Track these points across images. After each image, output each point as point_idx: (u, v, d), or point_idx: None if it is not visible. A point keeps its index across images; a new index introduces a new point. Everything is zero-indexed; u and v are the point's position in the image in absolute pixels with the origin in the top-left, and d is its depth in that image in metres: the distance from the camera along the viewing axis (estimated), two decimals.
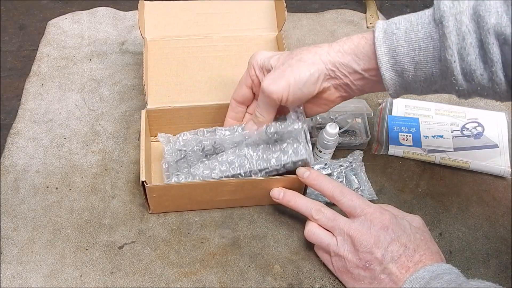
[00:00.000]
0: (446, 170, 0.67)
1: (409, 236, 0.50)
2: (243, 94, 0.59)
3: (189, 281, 0.55)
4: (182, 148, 0.60)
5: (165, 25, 0.71)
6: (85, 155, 0.66)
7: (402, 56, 0.48)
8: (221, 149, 0.60)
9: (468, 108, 0.73)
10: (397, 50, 0.48)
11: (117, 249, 0.58)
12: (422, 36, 0.46)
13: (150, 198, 0.58)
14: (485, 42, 0.43)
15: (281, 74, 0.52)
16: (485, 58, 0.43)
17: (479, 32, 0.43)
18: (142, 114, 0.62)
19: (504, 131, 0.70)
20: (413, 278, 0.47)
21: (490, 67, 0.44)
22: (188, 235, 0.59)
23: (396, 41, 0.47)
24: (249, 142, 0.59)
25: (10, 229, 0.58)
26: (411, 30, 0.47)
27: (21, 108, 0.71)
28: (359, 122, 0.70)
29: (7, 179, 0.63)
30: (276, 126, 0.57)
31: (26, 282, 0.54)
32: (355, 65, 0.51)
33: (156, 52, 0.69)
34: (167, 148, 0.61)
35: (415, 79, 0.49)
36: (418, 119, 0.71)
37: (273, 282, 0.56)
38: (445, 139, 0.69)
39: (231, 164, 0.58)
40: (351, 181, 0.63)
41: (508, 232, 0.62)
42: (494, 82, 0.44)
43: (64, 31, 0.82)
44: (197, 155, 0.60)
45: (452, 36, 0.44)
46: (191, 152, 0.60)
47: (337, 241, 0.52)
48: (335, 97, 0.55)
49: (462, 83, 0.46)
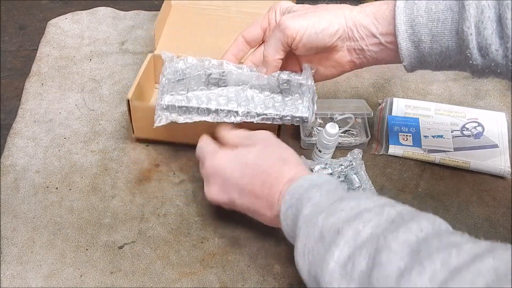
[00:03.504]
0: (446, 170, 0.67)
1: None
2: (254, 34, 0.58)
3: (189, 281, 0.55)
4: (186, 69, 0.57)
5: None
6: (85, 155, 0.66)
7: (420, 27, 0.48)
8: (225, 84, 0.58)
9: (468, 108, 0.73)
10: (416, 20, 0.48)
11: (117, 249, 0.58)
12: (442, 8, 0.46)
13: (134, 120, 0.60)
14: (503, 17, 0.43)
15: (302, 15, 0.52)
16: (502, 33, 0.44)
17: (498, 7, 0.43)
18: (147, 56, 0.66)
19: (504, 131, 0.70)
20: (292, 188, 0.47)
21: (505, 42, 0.44)
22: (188, 235, 0.59)
23: (416, 11, 0.48)
24: (255, 84, 0.57)
25: (10, 229, 0.58)
26: (432, 1, 0.47)
27: (21, 108, 0.71)
28: (359, 122, 0.70)
29: (7, 179, 0.63)
30: (289, 74, 0.56)
31: (26, 282, 0.54)
32: (373, 28, 0.51)
33: (176, 13, 0.77)
34: (169, 65, 0.58)
35: (430, 52, 0.49)
36: (418, 119, 0.71)
37: (273, 282, 0.56)
38: (445, 139, 0.69)
39: (229, 100, 0.57)
40: (352, 180, 0.63)
41: (508, 232, 0.62)
42: (508, 58, 0.45)
43: (64, 31, 0.82)
44: (199, 81, 0.57)
45: (471, 9, 0.44)
46: (194, 76, 0.57)
47: None
48: (346, 61, 0.55)
49: (476, 58, 0.46)
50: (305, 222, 0.43)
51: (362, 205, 0.40)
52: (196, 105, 0.56)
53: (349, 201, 0.41)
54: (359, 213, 0.39)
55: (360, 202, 0.41)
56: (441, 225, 0.37)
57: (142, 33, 0.82)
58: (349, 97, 0.75)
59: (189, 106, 0.56)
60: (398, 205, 0.41)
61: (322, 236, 0.40)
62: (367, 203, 0.41)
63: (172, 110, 0.56)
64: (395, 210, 0.39)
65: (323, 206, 0.43)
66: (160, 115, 0.56)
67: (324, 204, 0.43)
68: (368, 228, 0.38)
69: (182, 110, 0.56)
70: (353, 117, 0.69)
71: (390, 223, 0.38)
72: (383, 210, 0.39)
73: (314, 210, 0.43)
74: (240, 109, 0.56)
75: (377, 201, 0.41)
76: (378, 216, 0.39)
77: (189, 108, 0.56)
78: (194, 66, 0.57)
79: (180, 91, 0.57)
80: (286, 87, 0.57)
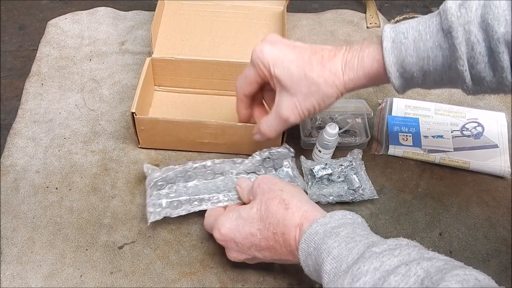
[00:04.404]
0: (446, 170, 0.67)
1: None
2: (252, 90, 0.58)
3: (189, 281, 0.55)
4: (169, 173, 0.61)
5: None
6: (85, 155, 0.66)
7: (411, 66, 0.47)
8: (211, 176, 0.61)
9: (468, 108, 0.73)
10: (406, 60, 0.47)
11: (117, 249, 0.58)
12: (431, 45, 0.46)
13: (139, 132, 0.63)
14: (495, 51, 0.42)
15: (300, 100, 0.52)
16: (495, 65, 0.43)
17: (488, 40, 0.42)
18: (146, 61, 0.68)
19: (504, 131, 0.70)
20: (307, 236, 0.45)
21: (500, 73, 0.43)
22: (188, 235, 0.59)
23: (404, 51, 0.47)
24: (240, 170, 0.62)
25: (10, 229, 0.58)
26: (419, 39, 0.46)
27: (21, 108, 0.71)
28: (359, 122, 0.70)
29: (7, 179, 0.63)
30: (269, 151, 0.62)
31: (26, 282, 0.54)
32: (367, 83, 0.52)
33: (170, 12, 0.78)
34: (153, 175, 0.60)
35: (423, 83, 0.49)
36: (418, 119, 0.71)
37: (273, 282, 0.56)
38: (445, 139, 0.69)
39: (218, 188, 0.60)
40: (351, 180, 0.63)
41: (508, 232, 0.62)
42: (503, 85, 0.44)
43: (64, 31, 0.82)
44: (184, 176, 0.61)
45: (462, 47, 0.44)
46: (179, 171, 0.61)
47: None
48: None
49: (471, 87, 0.46)
50: (330, 282, 0.42)
51: (386, 264, 0.38)
52: (187, 197, 0.59)
53: (372, 261, 0.39)
54: (385, 276, 0.37)
55: (383, 261, 0.39)
56: (469, 282, 0.35)
57: (142, 33, 0.82)
58: (349, 97, 0.75)
59: (181, 199, 0.58)
60: (423, 259, 0.38)
61: None
62: (390, 260, 0.39)
63: (165, 207, 0.58)
64: (421, 268, 0.37)
65: (346, 261, 0.41)
66: (153, 212, 0.58)
67: (345, 257, 0.41)
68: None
69: (173, 205, 0.58)
70: (353, 117, 0.69)
71: (419, 286, 0.36)
72: (409, 271, 0.37)
73: (336, 266, 0.42)
74: (228, 196, 0.58)
75: (400, 255, 0.39)
76: (406, 278, 0.37)
77: (181, 201, 0.58)
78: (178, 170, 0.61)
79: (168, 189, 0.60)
80: (269, 164, 0.62)
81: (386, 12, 0.90)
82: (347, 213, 0.47)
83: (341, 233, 0.44)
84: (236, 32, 0.75)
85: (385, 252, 0.40)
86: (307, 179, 0.64)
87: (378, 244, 0.41)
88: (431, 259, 0.38)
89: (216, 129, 0.62)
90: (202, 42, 0.73)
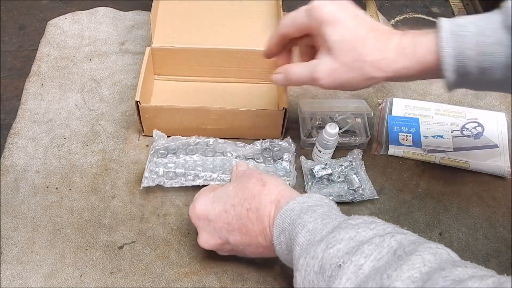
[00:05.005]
0: (446, 170, 0.67)
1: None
2: (292, 34, 0.54)
3: (189, 281, 0.55)
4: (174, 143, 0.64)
5: None
6: (85, 155, 0.66)
7: (469, 60, 0.44)
8: (212, 153, 0.64)
9: (468, 108, 0.73)
10: (465, 54, 0.44)
11: (117, 249, 0.58)
12: (492, 41, 0.43)
13: (143, 120, 0.64)
14: None
15: (341, 70, 0.49)
16: None
17: None
18: (146, 51, 0.68)
19: (504, 131, 0.70)
20: (283, 212, 0.45)
21: None
22: (188, 235, 0.59)
23: (464, 43, 0.44)
24: (240, 154, 0.64)
25: (10, 229, 0.58)
26: (481, 33, 0.44)
27: (21, 108, 0.71)
28: (359, 122, 0.70)
29: (7, 179, 0.63)
30: (271, 142, 0.65)
31: (26, 282, 0.54)
32: (416, 74, 0.49)
33: (168, 1, 0.77)
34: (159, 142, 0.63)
35: (477, 82, 0.47)
36: (418, 119, 0.71)
37: (273, 282, 0.56)
38: (445, 139, 0.69)
39: (214, 168, 0.62)
40: (351, 180, 0.63)
41: (508, 232, 0.62)
42: None
43: (64, 31, 0.82)
44: (186, 149, 0.64)
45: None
46: (182, 144, 0.64)
47: None
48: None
49: None
50: (302, 252, 0.42)
51: (361, 235, 0.39)
52: (184, 171, 0.61)
53: (347, 231, 0.40)
54: (358, 245, 0.38)
55: (358, 232, 0.40)
56: (443, 255, 0.36)
57: (142, 33, 0.82)
58: (349, 97, 0.75)
59: (177, 171, 0.61)
60: (397, 233, 0.39)
61: (322, 270, 0.39)
62: (366, 232, 0.40)
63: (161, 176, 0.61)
64: (395, 240, 0.38)
65: (320, 234, 0.41)
66: (147, 177, 0.60)
67: (320, 231, 0.42)
68: (370, 262, 0.37)
69: (169, 175, 0.61)
70: (353, 117, 0.69)
71: (392, 255, 0.37)
72: (383, 242, 0.38)
73: (310, 238, 0.42)
74: (221, 177, 0.61)
75: (376, 229, 0.40)
76: (379, 248, 0.37)
77: (177, 173, 0.61)
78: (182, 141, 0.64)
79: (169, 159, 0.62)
80: (268, 154, 0.64)
81: (386, 12, 0.90)
82: (325, 198, 0.48)
83: (318, 211, 0.44)
84: (233, 19, 0.76)
85: (361, 224, 0.41)
86: (307, 179, 0.64)
87: (354, 218, 0.42)
88: (405, 233, 0.40)
89: (219, 114, 0.64)
90: (200, 30, 0.74)
